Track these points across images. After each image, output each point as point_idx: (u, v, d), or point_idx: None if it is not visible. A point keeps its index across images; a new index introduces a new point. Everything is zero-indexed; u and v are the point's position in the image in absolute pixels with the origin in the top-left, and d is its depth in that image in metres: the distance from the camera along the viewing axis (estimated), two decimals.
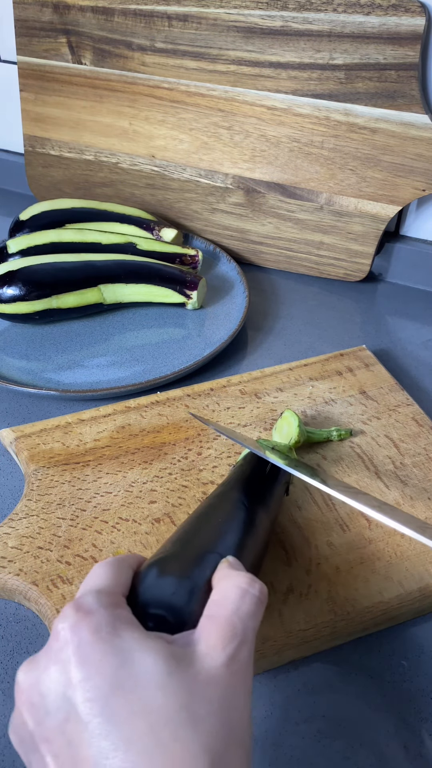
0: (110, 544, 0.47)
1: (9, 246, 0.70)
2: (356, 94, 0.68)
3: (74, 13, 0.74)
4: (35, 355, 0.66)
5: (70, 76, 0.78)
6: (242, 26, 0.69)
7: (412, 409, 0.59)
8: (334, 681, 0.43)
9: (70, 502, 0.50)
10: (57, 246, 0.70)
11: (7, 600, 0.46)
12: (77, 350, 0.67)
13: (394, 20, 0.63)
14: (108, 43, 0.75)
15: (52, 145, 0.84)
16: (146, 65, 0.75)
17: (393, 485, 0.52)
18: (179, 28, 0.71)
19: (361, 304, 0.77)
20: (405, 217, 0.78)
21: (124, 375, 0.64)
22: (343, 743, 0.40)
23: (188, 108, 0.75)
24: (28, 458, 0.53)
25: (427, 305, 0.77)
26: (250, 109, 0.73)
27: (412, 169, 0.69)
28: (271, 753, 0.39)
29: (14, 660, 0.43)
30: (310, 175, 0.74)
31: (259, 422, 0.57)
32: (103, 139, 0.81)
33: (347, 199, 0.73)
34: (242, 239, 0.81)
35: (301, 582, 0.45)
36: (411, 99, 0.66)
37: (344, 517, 0.50)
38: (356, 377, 0.62)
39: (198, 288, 0.71)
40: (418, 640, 0.45)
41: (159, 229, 0.76)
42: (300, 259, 0.79)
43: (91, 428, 0.56)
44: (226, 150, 0.76)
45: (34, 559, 0.46)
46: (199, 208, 0.81)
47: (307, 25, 0.66)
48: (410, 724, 0.41)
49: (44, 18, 0.76)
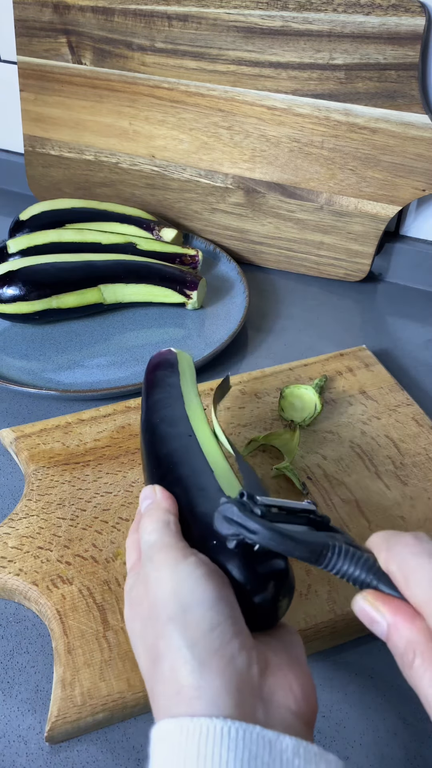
0: (110, 544, 0.47)
1: (9, 246, 0.70)
2: (356, 94, 0.68)
3: (74, 13, 0.74)
4: (35, 355, 0.66)
5: (70, 76, 0.78)
6: (242, 26, 0.69)
7: (412, 409, 0.59)
8: (334, 681, 0.43)
9: (70, 502, 0.50)
10: (57, 246, 0.70)
11: (7, 600, 0.46)
12: (77, 350, 0.67)
13: (394, 20, 0.63)
14: (108, 43, 0.75)
15: (52, 145, 0.84)
16: (146, 65, 0.75)
17: (393, 485, 0.52)
18: (179, 28, 0.71)
19: (361, 304, 0.77)
20: (405, 217, 0.78)
21: (124, 375, 0.64)
22: (343, 743, 0.40)
23: (188, 108, 0.75)
24: (28, 458, 0.53)
25: (427, 305, 0.77)
26: (250, 109, 0.73)
27: (412, 169, 0.69)
28: None
29: (14, 660, 0.43)
30: (310, 175, 0.74)
31: (259, 422, 0.57)
32: (103, 139, 0.81)
33: (347, 199, 0.73)
34: (242, 239, 0.81)
35: (301, 582, 0.45)
36: (411, 99, 0.66)
37: (344, 517, 0.50)
38: (356, 377, 0.62)
39: (198, 288, 0.71)
40: None
41: (159, 229, 0.76)
42: (300, 259, 0.79)
43: (91, 428, 0.56)
44: (226, 150, 0.76)
45: (34, 559, 0.46)
46: (199, 208, 0.81)
47: (307, 25, 0.66)
48: (410, 724, 0.41)
49: (44, 18, 0.76)
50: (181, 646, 0.30)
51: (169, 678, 0.30)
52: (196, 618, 0.31)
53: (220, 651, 0.30)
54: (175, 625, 0.31)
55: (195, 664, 0.29)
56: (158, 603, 0.32)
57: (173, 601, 0.31)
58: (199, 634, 0.30)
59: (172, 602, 0.31)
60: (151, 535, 0.35)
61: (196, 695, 0.29)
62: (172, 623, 0.31)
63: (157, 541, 0.35)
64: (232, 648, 0.30)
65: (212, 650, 0.30)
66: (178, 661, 0.30)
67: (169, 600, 0.32)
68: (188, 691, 0.29)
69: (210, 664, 0.29)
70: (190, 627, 0.30)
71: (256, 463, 0.54)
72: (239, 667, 0.30)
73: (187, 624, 0.30)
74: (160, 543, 0.35)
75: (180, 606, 0.31)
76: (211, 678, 0.29)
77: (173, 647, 0.30)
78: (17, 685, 0.42)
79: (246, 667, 0.30)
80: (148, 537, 0.36)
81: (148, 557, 0.35)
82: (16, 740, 0.39)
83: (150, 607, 0.33)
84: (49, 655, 0.43)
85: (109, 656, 0.41)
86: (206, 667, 0.29)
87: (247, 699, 0.29)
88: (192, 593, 0.31)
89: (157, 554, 0.34)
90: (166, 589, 0.32)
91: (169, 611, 0.31)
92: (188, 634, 0.30)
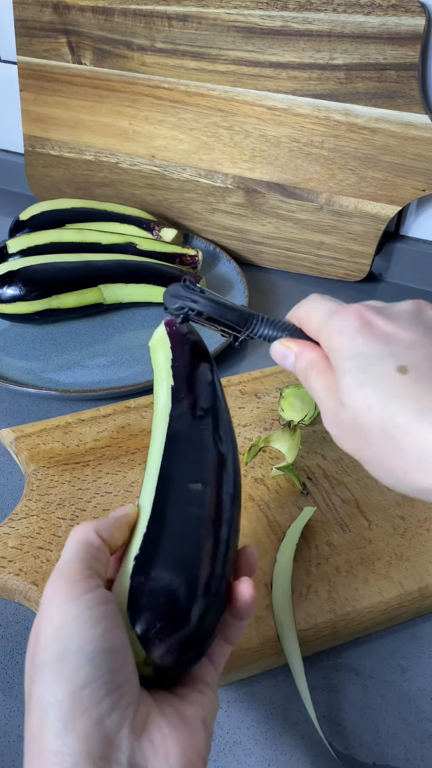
0: None
1: (9, 246, 0.70)
2: (356, 94, 0.68)
3: (74, 13, 0.74)
4: (35, 355, 0.66)
5: (70, 76, 0.78)
6: (242, 26, 0.69)
7: None
8: (334, 681, 0.43)
9: (70, 502, 0.50)
10: (57, 246, 0.70)
11: (7, 600, 0.46)
12: (77, 350, 0.67)
13: (394, 20, 0.63)
14: (108, 43, 0.75)
15: (52, 145, 0.84)
16: (146, 65, 0.75)
17: None
18: (179, 28, 0.71)
19: None
20: (405, 217, 0.78)
21: (124, 375, 0.64)
22: (343, 743, 0.40)
23: (188, 108, 0.75)
24: (28, 458, 0.53)
25: None
26: (250, 109, 0.73)
27: (412, 169, 0.69)
28: (271, 753, 0.39)
29: (14, 660, 0.43)
30: (310, 175, 0.74)
31: (259, 422, 0.57)
32: (103, 139, 0.81)
33: (347, 199, 0.73)
34: (242, 239, 0.81)
35: (301, 582, 0.45)
36: (411, 99, 0.66)
37: (344, 517, 0.50)
38: None
39: None
40: (418, 640, 0.45)
41: (159, 229, 0.76)
42: (300, 259, 0.79)
43: (91, 428, 0.56)
44: (226, 150, 0.76)
45: (34, 559, 0.46)
46: (199, 208, 0.81)
47: (307, 25, 0.66)
48: (410, 724, 0.41)
49: (44, 18, 0.76)
50: (49, 701, 0.28)
51: (36, 734, 0.28)
52: (70, 670, 0.28)
53: (88, 711, 0.27)
54: (48, 673, 0.28)
55: (59, 726, 0.27)
56: (39, 640, 0.29)
57: (53, 644, 0.29)
58: (70, 689, 0.28)
59: (51, 644, 0.29)
60: (67, 552, 0.33)
61: (56, 761, 0.27)
62: (46, 670, 0.28)
63: (67, 561, 0.32)
64: (102, 708, 0.28)
65: (80, 710, 0.27)
66: (45, 720, 0.27)
67: (49, 641, 0.29)
68: (49, 755, 0.27)
69: (74, 726, 0.27)
70: (61, 680, 0.28)
71: (256, 463, 0.54)
72: (106, 731, 0.27)
73: (60, 675, 0.28)
74: (67, 566, 0.32)
75: (57, 651, 0.28)
76: (73, 743, 0.27)
77: (41, 700, 0.28)
78: (17, 685, 0.42)
79: (115, 731, 0.28)
80: (65, 552, 0.33)
81: (52, 577, 0.32)
82: (16, 740, 0.39)
83: (34, 640, 0.30)
84: None
85: None
86: (69, 730, 0.27)
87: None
88: (72, 639, 0.29)
89: (58, 579, 0.31)
90: (49, 626, 0.29)
91: (46, 654, 0.29)
92: (58, 688, 0.28)
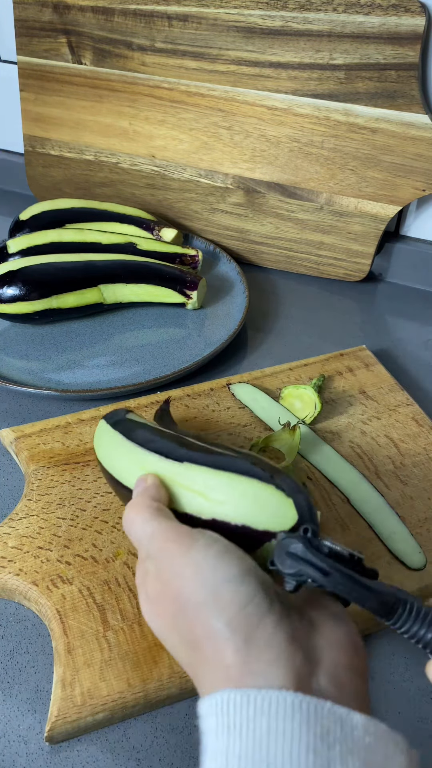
0: (110, 544, 0.47)
1: (9, 246, 0.70)
2: (356, 94, 0.68)
3: (74, 13, 0.74)
4: (35, 355, 0.66)
5: (70, 76, 0.78)
6: (242, 26, 0.69)
7: (412, 409, 0.59)
8: None
9: (70, 502, 0.50)
10: (57, 246, 0.70)
11: (7, 600, 0.46)
12: (77, 350, 0.67)
13: (394, 20, 0.63)
14: (108, 43, 0.75)
15: (52, 145, 0.84)
16: (146, 65, 0.75)
17: (393, 485, 0.52)
18: (179, 28, 0.71)
19: (361, 304, 0.77)
20: (405, 217, 0.78)
21: (124, 375, 0.64)
22: None
23: (188, 108, 0.75)
24: (28, 458, 0.53)
25: (427, 305, 0.77)
26: (250, 109, 0.73)
27: (412, 169, 0.69)
28: None
29: (14, 660, 0.43)
30: (310, 175, 0.74)
31: (259, 422, 0.57)
32: (103, 139, 0.81)
33: (347, 199, 0.73)
34: (242, 239, 0.81)
35: None
36: (411, 99, 0.66)
37: (344, 517, 0.50)
38: (356, 377, 0.62)
39: (198, 288, 0.71)
40: None
41: (159, 229, 0.76)
42: (300, 259, 0.79)
43: (91, 428, 0.56)
44: (226, 150, 0.76)
45: (34, 559, 0.46)
46: (199, 208, 0.81)
47: (307, 25, 0.66)
48: (410, 724, 0.41)
49: (44, 18, 0.76)
50: (219, 627, 0.29)
51: (213, 660, 0.29)
52: (228, 597, 0.30)
53: (261, 624, 0.29)
54: (208, 609, 0.30)
55: (239, 642, 0.28)
56: (183, 593, 0.31)
57: (199, 587, 0.30)
58: (234, 611, 0.29)
59: (197, 589, 0.30)
60: (145, 527, 0.34)
61: (247, 671, 0.28)
62: (205, 608, 0.30)
63: (155, 530, 0.34)
64: (273, 617, 0.29)
65: (253, 625, 0.29)
66: (221, 643, 0.29)
67: (193, 587, 0.31)
68: (237, 668, 0.28)
69: (254, 638, 0.28)
70: (223, 607, 0.29)
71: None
72: (284, 636, 0.29)
73: (220, 605, 0.30)
74: (160, 532, 0.33)
75: (207, 590, 0.30)
76: (258, 652, 0.28)
77: (212, 630, 0.29)
78: (17, 685, 0.42)
79: (291, 634, 0.29)
80: (142, 529, 0.34)
81: (155, 549, 0.33)
82: (16, 740, 0.39)
83: (174, 600, 0.32)
84: (49, 655, 0.43)
85: (109, 656, 0.41)
86: (251, 643, 0.28)
87: (300, 667, 0.28)
88: (215, 573, 0.30)
89: (162, 545, 0.33)
90: (186, 577, 0.31)
91: (197, 598, 0.30)
92: (224, 614, 0.29)
